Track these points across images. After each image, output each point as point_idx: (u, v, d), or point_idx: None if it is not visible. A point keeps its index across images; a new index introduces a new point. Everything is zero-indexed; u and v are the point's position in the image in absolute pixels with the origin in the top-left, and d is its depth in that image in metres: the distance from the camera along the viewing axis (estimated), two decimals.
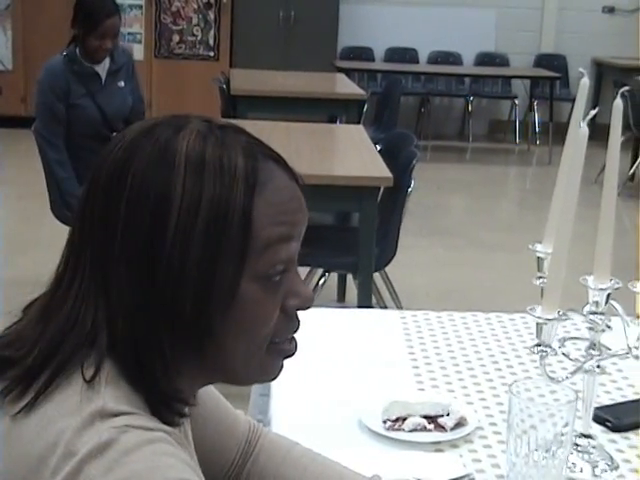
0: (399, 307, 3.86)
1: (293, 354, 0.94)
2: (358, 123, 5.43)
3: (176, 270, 0.83)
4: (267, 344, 0.90)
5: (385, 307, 3.78)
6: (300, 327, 0.94)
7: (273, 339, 0.90)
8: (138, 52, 8.27)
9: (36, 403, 0.83)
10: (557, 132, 8.24)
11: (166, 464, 0.78)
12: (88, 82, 4.06)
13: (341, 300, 4.35)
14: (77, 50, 4.05)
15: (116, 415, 0.80)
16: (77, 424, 0.79)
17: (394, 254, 3.62)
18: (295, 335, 0.94)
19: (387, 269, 3.82)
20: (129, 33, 8.24)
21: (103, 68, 4.11)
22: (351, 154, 3.99)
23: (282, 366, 0.95)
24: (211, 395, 1.13)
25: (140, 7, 8.26)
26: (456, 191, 7.17)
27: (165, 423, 0.85)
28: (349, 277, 4.17)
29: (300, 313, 0.94)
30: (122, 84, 4.18)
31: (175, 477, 0.78)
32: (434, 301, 4.21)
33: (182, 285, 0.84)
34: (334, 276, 4.17)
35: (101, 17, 3.93)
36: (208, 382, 0.97)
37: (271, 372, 0.94)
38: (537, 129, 8.63)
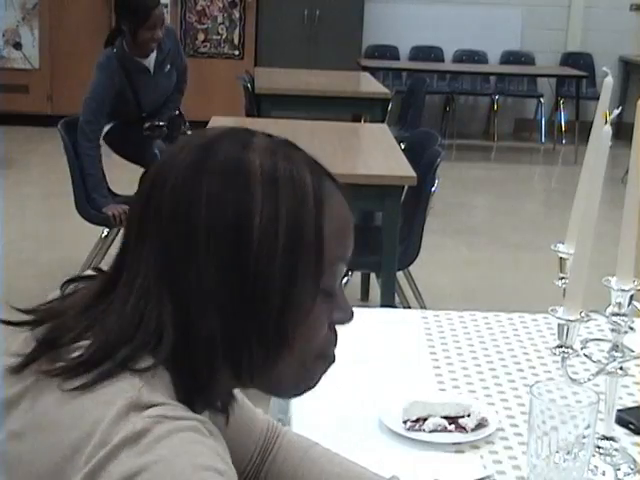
0: (422, 307, 3.85)
1: (334, 362, 0.97)
2: (382, 122, 5.42)
3: (261, 280, 0.86)
4: (315, 357, 0.94)
5: (408, 307, 3.77)
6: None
7: (320, 352, 0.94)
8: None
9: (91, 387, 0.84)
10: (583, 131, 8.17)
11: (194, 451, 0.80)
12: (136, 77, 4.15)
13: (364, 299, 4.34)
14: (124, 45, 4.10)
15: (150, 407, 0.81)
16: (112, 415, 0.80)
17: (417, 253, 3.61)
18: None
19: (410, 268, 3.81)
20: None
21: (150, 62, 4.20)
22: (375, 153, 3.98)
23: (323, 373, 0.98)
24: None
25: (166, 6, 8.27)
26: (481, 190, 7.14)
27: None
28: (372, 276, 4.17)
29: None
30: (168, 67, 4.30)
31: (201, 463, 0.79)
32: (457, 301, 4.20)
33: (267, 296, 0.86)
34: (357, 275, 4.17)
35: (149, 9, 4.00)
36: (252, 386, 0.98)
37: (312, 384, 0.97)
38: (563, 128, 8.58)
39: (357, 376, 1.67)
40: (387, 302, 3.42)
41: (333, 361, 0.97)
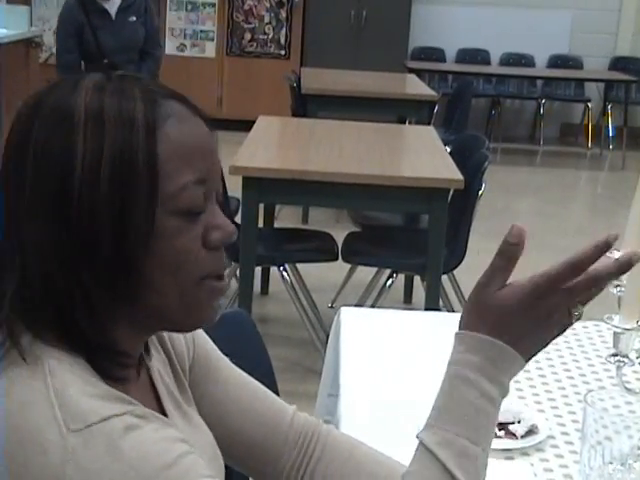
0: None
1: (224, 291, 0.94)
2: (428, 124, 5.40)
3: (87, 218, 0.85)
4: (197, 281, 0.90)
5: (452, 310, 3.75)
6: (226, 265, 0.94)
7: (201, 275, 0.90)
8: (210, 49, 8.36)
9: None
10: (631, 137, 8.08)
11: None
12: (96, 18, 4.49)
13: (407, 302, 4.33)
14: None
15: (85, 423, 0.81)
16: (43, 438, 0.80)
17: (463, 257, 3.59)
18: (224, 273, 0.94)
19: (454, 272, 3.79)
20: (202, 31, 8.33)
21: (112, 5, 4.54)
22: (421, 155, 3.96)
23: (218, 308, 0.94)
24: (247, 389, 1.12)
25: (213, 5, 8.34)
26: (526, 194, 7.08)
27: (111, 378, 0.87)
28: (416, 279, 4.15)
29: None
30: (133, 19, 4.60)
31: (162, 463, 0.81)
32: None
33: (98, 230, 0.85)
34: (400, 277, 4.15)
35: None
36: (150, 331, 0.97)
37: (207, 313, 0.93)
38: (610, 133, 8.48)
39: (405, 378, 1.66)
40: (431, 305, 3.40)
41: (220, 292, 0.92)
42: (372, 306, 3.55)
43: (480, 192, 3.54)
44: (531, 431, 1.44)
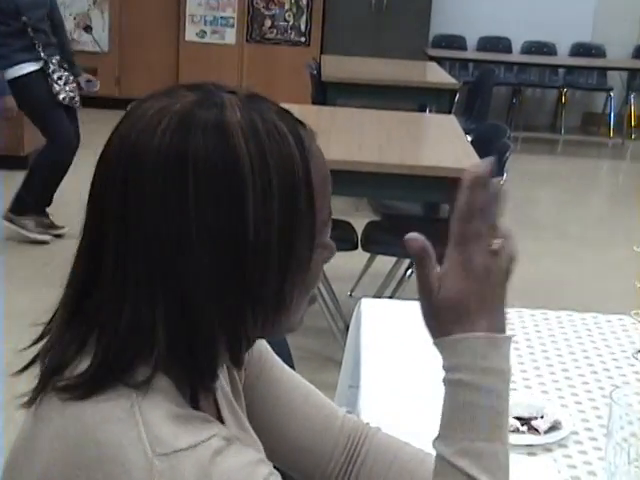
0: None
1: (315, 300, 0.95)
2: (449, 113, 5.36)
3: (261, 245, 0.82)
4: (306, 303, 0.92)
5: None
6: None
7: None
8: (230, 36, 8.33)
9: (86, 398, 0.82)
10: None
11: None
12: None
13: None
14: None
15: (167, 450, 0.78)
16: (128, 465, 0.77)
17: None
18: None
19: None
20: (222, 17, 8.31)
21: None
22: (442, 144, 3.94)
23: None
24: (299, 390, 1.11)
25: None
26: (546, 184, 7.03)
27: (196, 398, 0.86)
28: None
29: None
30: None
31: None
32: (520, 295, 4.12)
33: (268, 264, 0.83)
34: None
35: None
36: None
37: (299, 322, 0.94)
38: (633, 123, 8.40)
39: (425, 370, 1.65)
40: None
41: (315, 296, 0.94)
42: (391, 296, 3.54)
43: (501, 182, 3.51)
44: (554, 427, 1.42)
